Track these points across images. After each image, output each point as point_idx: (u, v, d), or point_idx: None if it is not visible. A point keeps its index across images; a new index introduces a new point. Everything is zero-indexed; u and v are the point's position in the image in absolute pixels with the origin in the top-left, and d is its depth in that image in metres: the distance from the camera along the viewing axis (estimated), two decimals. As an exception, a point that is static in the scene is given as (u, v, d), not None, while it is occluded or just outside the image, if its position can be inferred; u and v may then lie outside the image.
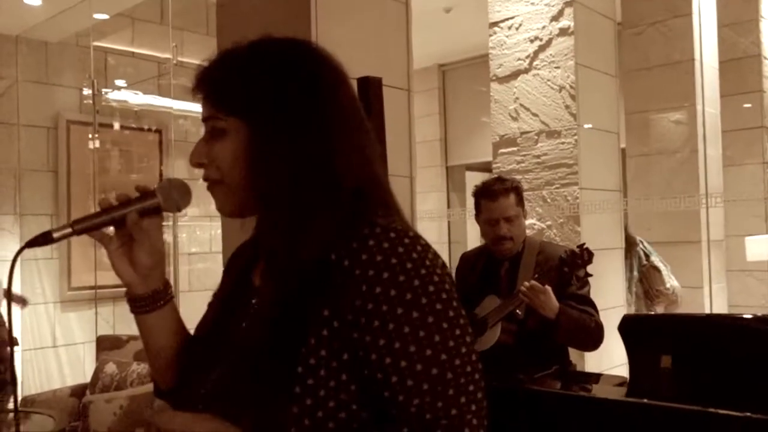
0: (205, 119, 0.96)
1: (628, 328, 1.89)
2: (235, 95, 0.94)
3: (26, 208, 5.26)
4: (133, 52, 5.57)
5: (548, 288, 2.28)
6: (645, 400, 1.73)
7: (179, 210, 1.00)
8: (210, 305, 1.06)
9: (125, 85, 5.55)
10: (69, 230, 0.91)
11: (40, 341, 5.28)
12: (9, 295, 0.98)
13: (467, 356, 0.84)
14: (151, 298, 1.01)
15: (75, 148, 5.38)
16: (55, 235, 0.90)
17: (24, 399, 4.05)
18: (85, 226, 0.93)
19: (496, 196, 2.48)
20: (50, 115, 5.34)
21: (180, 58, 4.53)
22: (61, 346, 5.38)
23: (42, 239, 0.90)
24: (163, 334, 1.03)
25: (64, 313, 5.39)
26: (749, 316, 1.79)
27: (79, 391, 3.88)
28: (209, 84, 0.96)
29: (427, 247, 0.88)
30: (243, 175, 0.93)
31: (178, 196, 0.98)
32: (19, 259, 0.92)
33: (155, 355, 1.05)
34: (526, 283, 2.31)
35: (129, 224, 0.95)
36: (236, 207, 0.97)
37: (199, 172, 0.98)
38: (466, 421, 0.82)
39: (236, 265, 1.08)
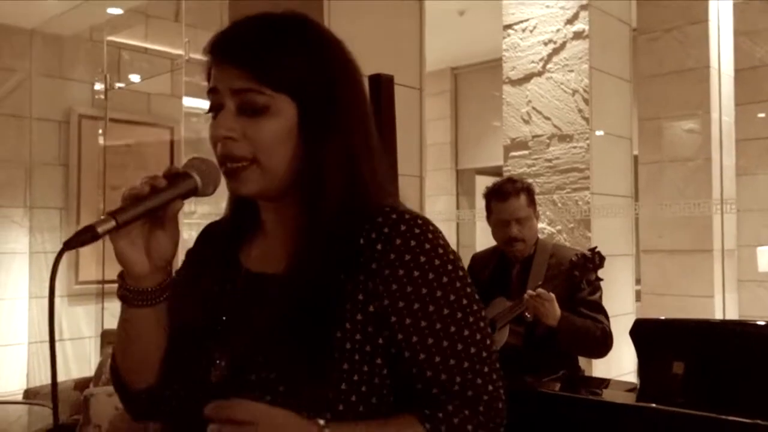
0: (238, 91, 0.86)
1: (640, 332, 1.86)
2: (286, 71, 0.87)
3: (36, 201, 5.28)
4: (146, 48, 5.58)
5: (552, 296, 2.26)
6: (655, 405, 1.70)
7: (212, 192, 0.89)
8: (188, 291, 0.98)
9: (138, 80, 5.56)
10: (113, 224, 0.79)
11: (47, 334, 5.28)
12: (52, 300, 0.79)
13: (490, 335, 0.90)
14: (158, 291, 0.91)
15: (86, 142, 5.39)
16: (100, 230, 0.78)
17: (27, 391, 4.05)
18: (129, 217, 0.81)
19: (506, 196, 2.46)
20: (62, 109, 5.36)
21: (192, 55, 4.53)
22: (67, 340, 5.39)
23: (85, 237, 0.77)
24: (156, 328, 0.94)
25: (71, 306, 5.39)
26: (762, 323, 1.75)
27: (82, 385, 3.87)
28: (252, 53, 0.87)
29: (443, 235, 0.91)
30: (286, 156, 0.87)
31: (216, 176, 0.89)
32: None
33: (142, 351, 0.94)
34: (531, 291, 2.28)
35: (172, 212, 0.86)
36: (265, 189, 0.89)
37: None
38: (499, 395, 0.88)
39: (213, 248, 1.01)
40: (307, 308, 0.85)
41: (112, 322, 5.15)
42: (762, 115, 5.34)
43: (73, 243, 0.78)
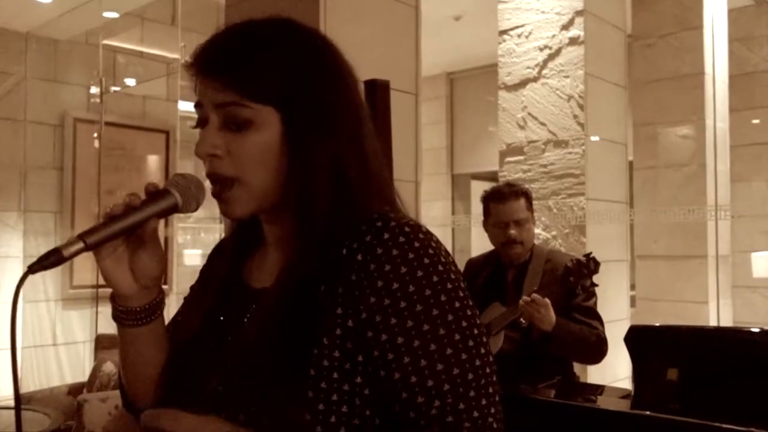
0: (221, 105, 0.83)
1: (635, 338, 1.86)
2: (269, 83, 0.83)
3: (30, 205, 5.26)
4: (141, 52, 5.58)
5: (548, 301, 2.26)
6: (650, 413, 1.70)
7: (196, 209, 0.86)
8: (193, 307, 0.97)
9: (133, 84, 5.55)
10: (81, 245, 0.77)
11: (41, 339, 5.27)
12: (14, 324, 0.76)
13: (486, 356, 0.81)
14: (148, 310, 0.89)
15: (81, 146, 5.38)
16: (66, 252, 0.76)
17: (21, 396, 4.02)
18: (99, 239, 0.79)
19: (506, 198, 2.47)
20: (57, 112, 5.35)
21: (188, 59, 4.52)
22: (61, 345, 5.37)
23: (50, 260, 0.75)
24: (154, 346, 0.92)
25: (65, 311, 5.37)
26: (757, 330, 1.76)
27: (76, 390, 3.85)
28: (233, 65, 0.83)
29: (439, 242, 0.84)
30: (272, 171, 0.84)
31: (197, 193, 0.86)
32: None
33: (141, 369, 0.93)
34: (526, 297, 2.28)
35: (148, 231, 0.83)
36: (255, 208, 0.87)
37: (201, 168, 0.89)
38: (488, 424, 0.78)
39: (219, 264, 0.99)
40: (286, 323, 0.81)
41: (106, 327, 5.13)
42: (757, 121, 5.36)
43: (37, 267, 0.75)
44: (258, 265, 0.95)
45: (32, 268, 0.75)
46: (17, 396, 0.80)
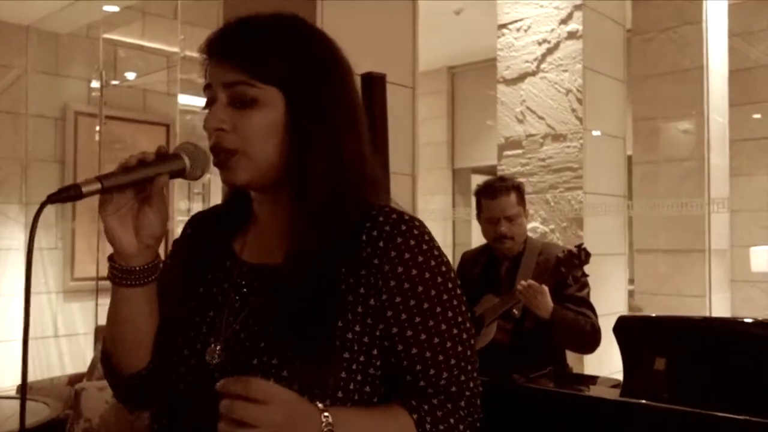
0: (229, 84, 0.90)
1: (624, 329, 1.87)
2: (275, 65, 0.91)
3: (32, 198, 5.28)
4: (142, 45, 5.59)
5: (545, 288, 2.27)
6: (639, 401, 1.71)
7: (200, 177, 0.93)
8: (184, 276, 1.00)
9: (134, 77, 5.57)
10: (98, 186, 0.82)
11: (42, 331, 5.29)
12: (29, 257, 0.80)
13: (474, 336, 0.96)
14: (147, 270, 0.93)
15: (82, 139, 5.40)
16: (84, 189, 0.81)
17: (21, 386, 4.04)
18: (114, 184, 0.84)
19: (496, 194, 2.47)
20: (58, 105, 5.37)
21: (188, 53, 4.54)
22: (62, 336, 5.39)
23: (69, 193, 0.81)
24: (147, 309, 0.96)
25: (66, 303, 5.40)
26: (746, 320, 1.77)
27: (76, 380, 3.88)
28: (242, 48, 0.91)
29: (432, 235, 0.96)
30: (275, 147, 0.91)
31: (204, 161, 0.92)
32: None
33: (131, 333, 0.96)
34: (523, 282, 2.29)
35: (158, 186, 0.89)
36: (254, 178, 0.92)
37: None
38: (479, 392, 0.95)
39: (206, 236, 1.03)
40: (310, 299, 0.88)
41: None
42: (758, 116, 5.36)
43: (56, 198, 0.81)
44: (252, 241, 1.01)
45: (51, 198, 0.81)
46: (26, 339, 0.82)
